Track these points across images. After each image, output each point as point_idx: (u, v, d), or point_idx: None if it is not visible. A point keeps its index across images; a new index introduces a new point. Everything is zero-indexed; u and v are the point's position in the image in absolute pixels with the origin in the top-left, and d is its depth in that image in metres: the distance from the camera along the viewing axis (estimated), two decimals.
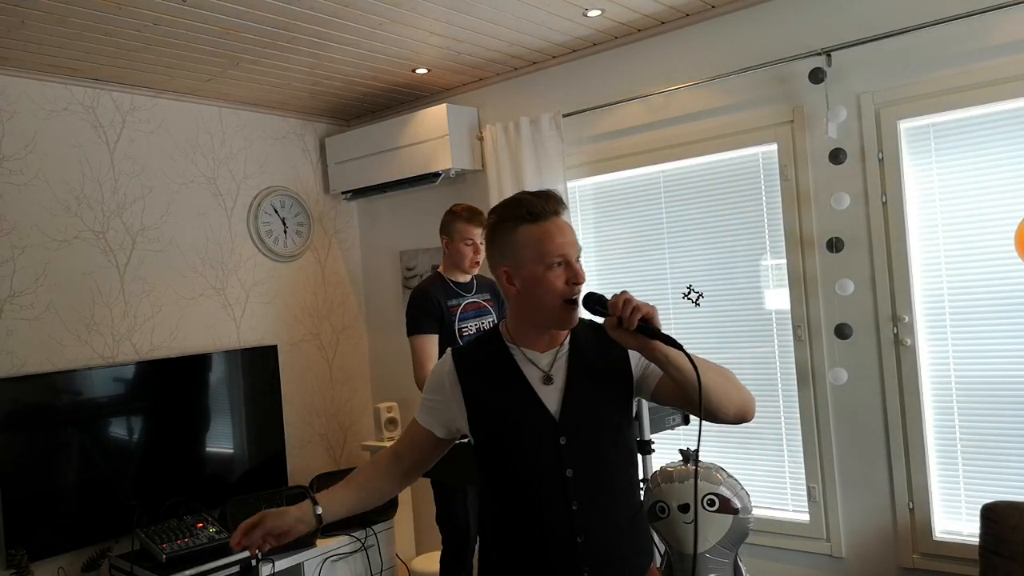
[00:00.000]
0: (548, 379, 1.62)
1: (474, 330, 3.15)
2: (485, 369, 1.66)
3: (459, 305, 3.13)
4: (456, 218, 3.14)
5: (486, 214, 1.83)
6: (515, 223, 1.59)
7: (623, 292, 1.51)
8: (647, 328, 1.46)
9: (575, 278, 1.57)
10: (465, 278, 3.20)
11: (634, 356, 1.63)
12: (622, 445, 1.65)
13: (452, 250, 3.14)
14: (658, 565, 1.76)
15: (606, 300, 1.53)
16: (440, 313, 3.07)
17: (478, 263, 3.17)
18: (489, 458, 1.67)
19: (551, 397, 1.61)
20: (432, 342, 3.06)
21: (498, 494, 1.67)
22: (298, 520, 1.70)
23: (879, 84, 2.76)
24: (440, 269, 3.23)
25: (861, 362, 2.85)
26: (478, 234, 3.12)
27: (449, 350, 1.73)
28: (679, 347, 1.46)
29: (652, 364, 1.55)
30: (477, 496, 3.14)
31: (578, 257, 1.60)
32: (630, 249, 3.47)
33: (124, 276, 3.51)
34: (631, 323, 1.46)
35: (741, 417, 1.57)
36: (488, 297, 3.25)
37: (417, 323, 3.07)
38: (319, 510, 1.70)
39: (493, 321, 3.23)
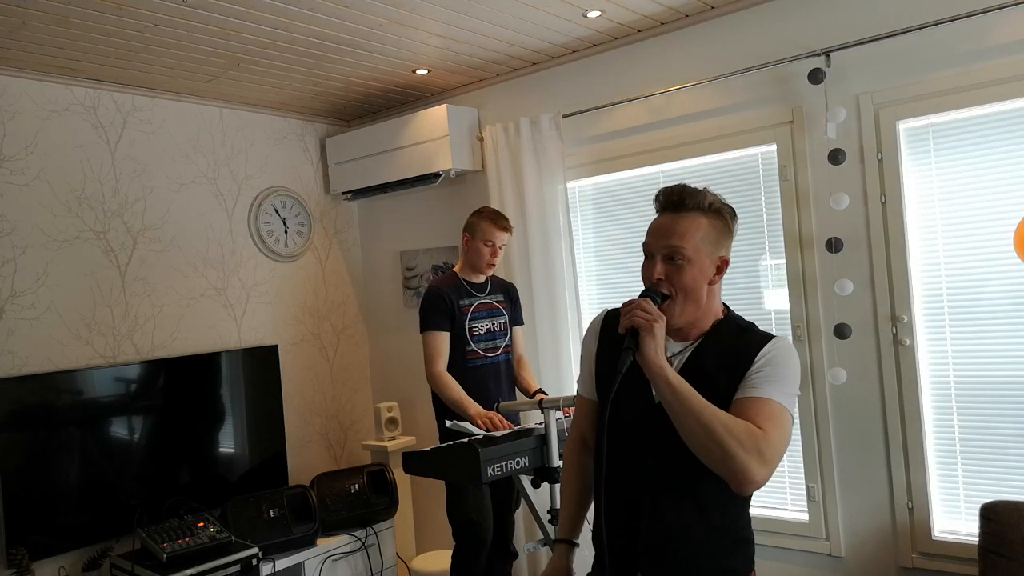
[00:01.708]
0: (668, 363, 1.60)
1: (485, 330, 3.19)
2: (621, 341, 1.65)
3: (471, 305, 3.18)
4: (481, 218, 3.19)
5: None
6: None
7: (640, 299, 1.54)
8: (627, 339, 1.49)
9: (649, 272, 1.60)
10: (480, 279, 3.25)
11: (748, 374, 1.54)
12: None
13: (471, 248, 3.19)
14: None
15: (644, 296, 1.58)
16: (452, 311, 3.12)
17: (494, 265, 3.21)
18: (597, 421, 1.69)
19: None
20: (443, 339, 3.10)
21: (596, 459, 1.70)
22: (569, 564, 1.78)
23: (878, 85, 2.77)
24: (456, 268, 3.28)
25: (860, 362, 2.86)
26: (500, 237, 3.18)
27: (604, 310, 1.80)
28: (623, 366, 1.48)
29: (741, 388, 1.52)
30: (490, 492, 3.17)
31: (670, 256, 1.57)
32: (630, 249, 3.47)
33: (125, 276, 3.52)
34: (621, 326, 1.49)
35: (726, 480, 1.46)
36: (502, 299, 3.29)
37: (429, 320, 3.12)
38: (576, 540, 1.79)
39: (505, 322, 3.26)
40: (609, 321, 1.74)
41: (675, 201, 1.59)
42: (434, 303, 3.12)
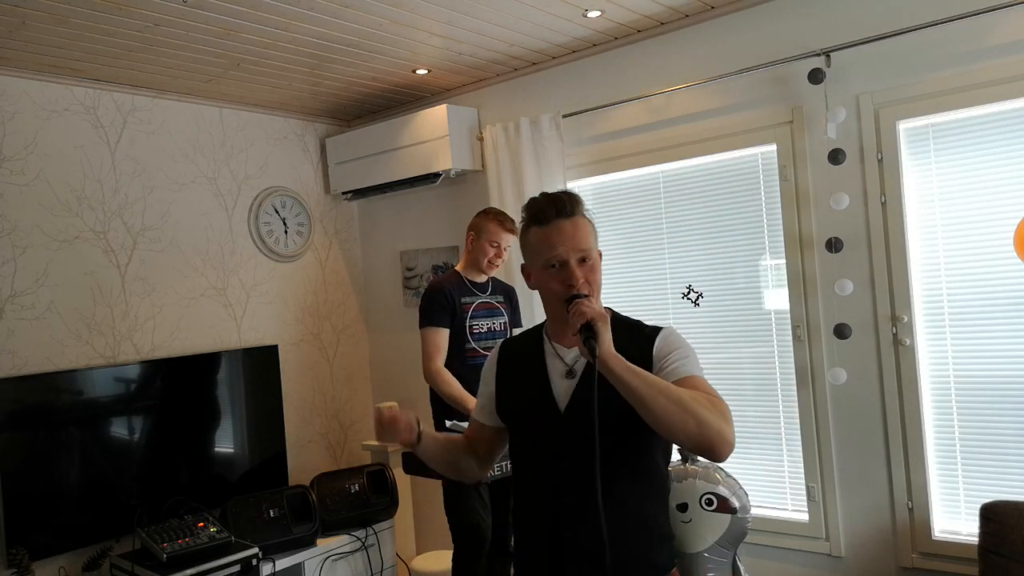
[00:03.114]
0: (571, 373, 1.66)
1: (485, 329, 3.20)
2: (520, 360, 1.76)
3: (472, 303, 3.19)
4: (488, 218, 3.22)
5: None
6: (528, 224, 1.69)
7: (582, 298, 1.56)
8: (583, 332, 1.49)
9: (568, 279, 1.61)
10: (482, 278, 3.27)
11: (657, 365, 1.61)
12: (636, 451, 1.62)
13: (475, 247, 3.21)
14: None
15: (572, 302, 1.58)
16: (453, 308, 3.13)
17: (496, 266, 3.24)
18: (511, 443, 1.78)
19: (565, 392, 1.64)
20: (442, 335, 3.12)
21: (515, 479, 1.76)
22: (408, 425, 1.78)
23: (878, 85, 2.77)
24: (458, 267, 3.29)
25: (860, 362, 2.86)
26: (505, 239, 3.20)
27: (500, 342, 1.86)
28: (592, 355, 1.45)
29: (664, 377, 1.56)
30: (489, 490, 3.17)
31: (583, 259, 1.62)
32: (630, 249, 3.47)
33: (125, 276, 3.52)
34: (572, 325, 1.50)
35: (699, 450, 1.48)
36: (502, 299, 3.32)
37: (429, 316, 3.13)
38: (421, 432, 1.79)
39: (505, 323, 3.29)
40: (506, 349, 1.83)
41: (568, 209, 1.64)
42: (435, 299, 3.14)
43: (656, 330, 1.68)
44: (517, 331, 3.38)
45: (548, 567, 1.63)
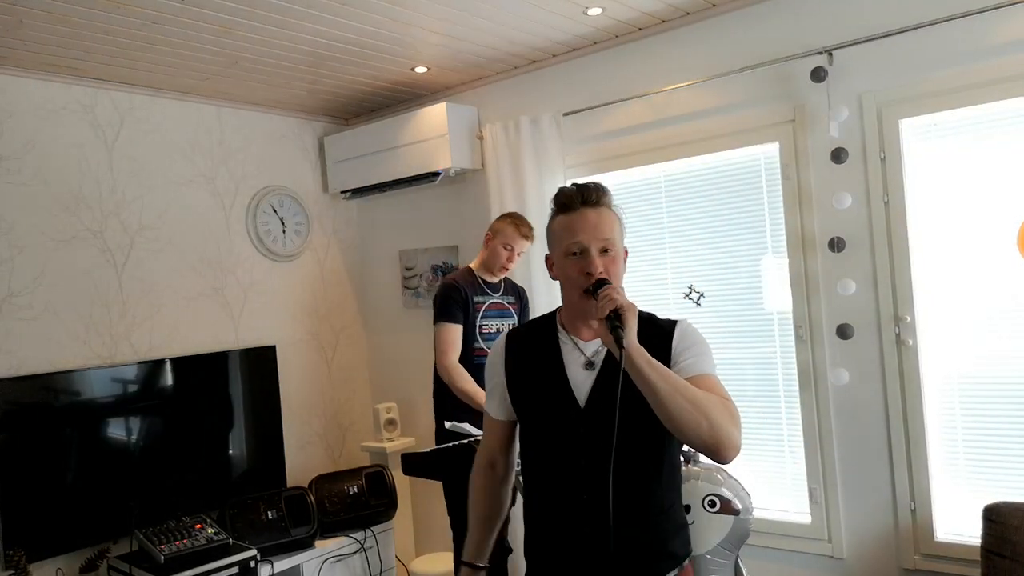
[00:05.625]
0: (591, 364, 1.63)
1: (494, 329, 3.23)
2: (532, 350, 1.72)
3: (484, 303, 3.23)
4: (506, 221, 3.26)
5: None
6: (554, 212, 1.68)
7: (608, 284, 1.53)
8: (610, 320, 1.46)
9: (587, 267, 1.58)
10: (494, 279, 3.30)
11: (674, 359, 1.59)
12: (658, 444, 1.60)
13: (490, 247, 3.25)
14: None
15: (599, 288, 1.55)
16: (466, 306, 3.16)
17: (508, 269, 3.26)
18: (522, 435, 1.75)
19: (584, 385, 1.62)
20: (457, 332, 3.13)
21: (526, 473, 1.74)
22: None
23: (881, 83, 2.75)
24: (472, 265, 3.32)
25: (863, 362, 2.84)
26: (520, 244, 3.23)
27: (505, 331, 1.83)
28: (620, 345, 1.43)
29: (678, 372, 1.54)
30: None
31: (605, 249, 1.60)
32: (631, 249, 3.44)
33: (122, 276, 3.50)
34: (600, 311, 1.47)
35: (706, 450, 1.48)
36: (513, 300, 3.35)
37: (444, 311, 3.15)
38: (481, 564, 1.83)
39: (515, 323, 3.31)
40: (513, 340, 1.78)
41: (594, 199, 1.63)
42: (450, 295, 3.16)
43: (672, 324, 1.66)
44: None
45: (567, 563, 1.61)
